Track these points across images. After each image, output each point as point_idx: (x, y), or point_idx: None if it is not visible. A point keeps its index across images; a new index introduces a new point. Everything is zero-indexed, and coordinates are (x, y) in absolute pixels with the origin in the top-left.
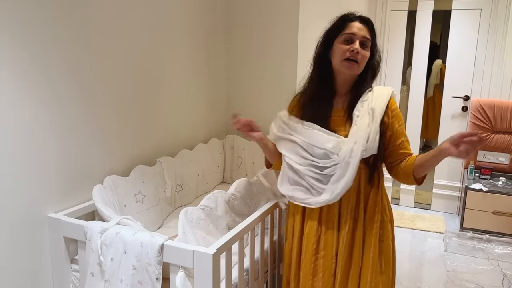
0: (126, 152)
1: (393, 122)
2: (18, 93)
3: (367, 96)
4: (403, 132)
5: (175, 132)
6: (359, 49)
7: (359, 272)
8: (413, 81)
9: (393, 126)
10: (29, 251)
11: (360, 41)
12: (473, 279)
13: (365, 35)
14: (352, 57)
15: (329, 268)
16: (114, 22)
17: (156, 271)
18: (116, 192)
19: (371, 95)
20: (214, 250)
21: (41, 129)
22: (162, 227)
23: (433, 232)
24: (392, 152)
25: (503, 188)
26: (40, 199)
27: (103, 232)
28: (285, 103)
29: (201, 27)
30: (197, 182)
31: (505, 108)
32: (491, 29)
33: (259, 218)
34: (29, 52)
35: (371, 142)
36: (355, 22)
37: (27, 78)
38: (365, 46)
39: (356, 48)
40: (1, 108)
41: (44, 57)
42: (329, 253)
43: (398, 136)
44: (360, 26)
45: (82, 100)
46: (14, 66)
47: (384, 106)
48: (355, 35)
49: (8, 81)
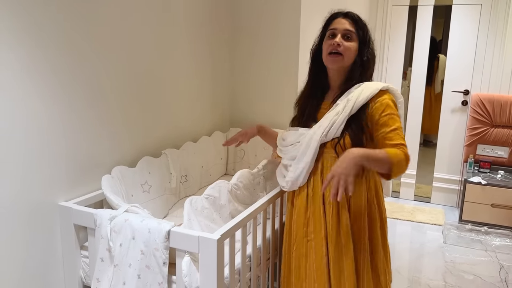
0: (133, 144)
1: (373, 113)
2: (30, 85)
3: (354, 90)
4: (386, 123)
5: (180, 125)
6: (339, 41)
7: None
8: (414, 76)
9: (372, 117)
10: (41, 238)
11: (342, 34)
12: (471, 270)
13: (347, 28)
14: (334, 50)
15: (320, 251)
16: (121, 19)
17: (163, 256)
18: (124, 182)
19: (359, 89)
20: (218, 236)
21: (52, 122)
22: (167, 216)
23: (432, 225)
24: (377, 142)
25: (501, 181)
26: (51, 188)
27: (112, 219)
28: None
29: (206, 22)
30: (201, 174)
31: (505, 102)
32: (491, 24)
33: (261, 207)
34: (41, 50)
35: (334, 128)
36: (339, 18)
37: (39, 74)
38: (348, 38)
39: (336, 41)
40: (15, 102)
41: (55, 55)
42: (318, 235)
43: (380, 127)
44: (343, 21)
45: (91, 95)
46: (28, 64)
47: (365, 99)
48: (337, 29)
49: (22, 77)
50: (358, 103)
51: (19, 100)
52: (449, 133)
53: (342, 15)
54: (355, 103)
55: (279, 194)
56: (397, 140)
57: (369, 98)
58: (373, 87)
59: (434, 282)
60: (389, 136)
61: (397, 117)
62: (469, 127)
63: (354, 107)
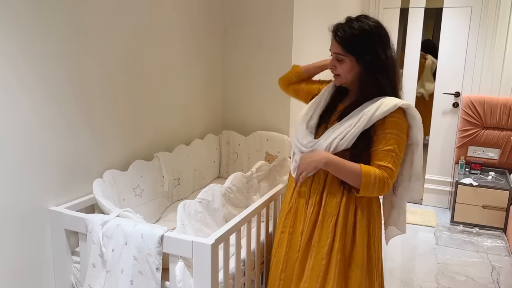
0: (124, 147)
1: (377, 129)
2: (20, 90)
3: (372, 103)
4: (383, 140)
5: (172, 128)
6: (332, 66)
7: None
8: (405, 78)
9: (376, 134)
10: (31, 244)
11: (334, 57)
12: (463, 271)
13: (335, 51)
14: (331, 71)
15: (295, 245)
16: (112, 20)
17: (156, 261)
18: (116, 186)
19: (377, 103)
20: (212, 240)
21: (42, 125)
22: (160, 220)
23: (424, 226)
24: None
25: (492, 182)
26: (42, 193)
27: (104, 224)
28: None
29: (198, 24)
30: (194, 177)
31: (495, 104)
32: (482, 26)
33: (256, 210)
34: (31, 54)
35: (346, 140)
36: (332, 36)
37: (27, 75)
38: (340, 61)
39: (329, 66)
40: (4, 106)
41: (44, 56)
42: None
43: (374, 143)
44: (334, 42)
45: (82, 97)
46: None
47: (381, 114)
48: (331, 52)
49: (11, 82)
50: (374, 118)
51: (8, 104)
52: (440, 135)
53: (333, 35)
54: (371, 117)
55: (274, 197)
56: (384, 161)
57: (386, 114)
58: (392, 103)
59: (426, 284)
60: (380, 155)
61: (398, 138)
62: (460, 129)
63: (369, 121)
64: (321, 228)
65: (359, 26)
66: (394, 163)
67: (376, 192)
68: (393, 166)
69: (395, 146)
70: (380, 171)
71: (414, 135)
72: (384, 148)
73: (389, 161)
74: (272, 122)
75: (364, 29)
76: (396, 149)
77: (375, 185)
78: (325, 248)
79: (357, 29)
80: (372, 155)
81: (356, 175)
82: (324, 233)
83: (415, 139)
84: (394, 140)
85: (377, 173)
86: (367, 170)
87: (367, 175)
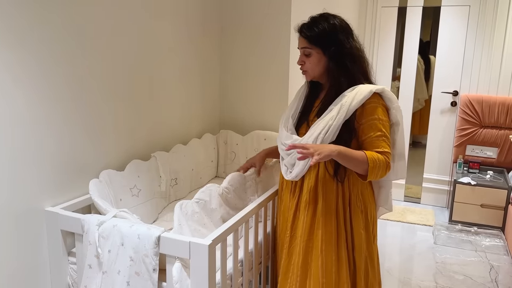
0: (121, 147)
1: (360, 118)
2: (15, 88)
3: (347, 93)
4: (371, 128)
5: (169, 127)
6: (300, 62)
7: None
8: (403, 77)
9: (359, 122)
10: (27, 245)
11: (302, 52)
12: (461, 270)
13: (302, 46)
14: (301, 69)
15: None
16: (109, 17)
17: (153, 262)
18: (112, 186)
19: (353, 92)
20: (209, 241)
21: (37, 124)
22: (157, 220)
23: (422, 225)
24: (362, 146)
25: (490, 181)
26: (37, 193)
27: (100, 225)
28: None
29: (195, 23)
30: (191, 177)
31: (493, 103)
32: (480, 25)
33: (253, 210)
34: (26, 52)
35: (330, 133)
36: (299, 36)
37: (24, 78)
38: (307, 55)
39: (298, 63)
40: None
41: (40, 57)
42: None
43: (363, 132)
44: (300, 39)
45: (78, 96)
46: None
47: (358, 103)
48: (299, 49)
49: (6, 80)
50: (352, 107)
51: (3, 103)
52: (439, 134)
53: (299, 32)
54: (349, 108)
55: (271, 197)
56: (382, 148)
57: (363, 102)
58: (366, 90)
59: (424, 283)
60: (375, 142)
61: (384, 123)
62: (458, 128)
63: (348, 111)
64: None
65: (321, 20)
66: (388, 146)
67: (379, 176)
68: (388, 149)
69: (383, 130)
70: (381, 156)
71: (394, 116)
72: (375, 135)
73: (384, 146)
74: (270, 122)
75: (327, 22)
76: (385, 132)
77: (380, 169)
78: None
79: (320, 23)
80: (366, 144)
81: (364, 162)
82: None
83: (395, 119)
84: (380, 124)
85: (380, 157)
86: (371, 156)
87: (373, 160)
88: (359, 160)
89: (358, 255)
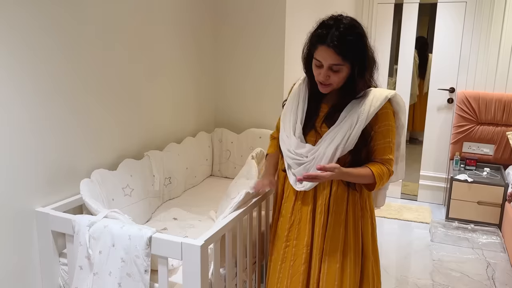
0: (113, 146)
1: (374, 124)
2: (4, 88)
3: (364, 99)
4: (382, 134)
5: (163, 126)
6: (324, 79)
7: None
8: (400, 73)
9: (373, 129)
10: (17, 246)
11: (328, 67)
12: (458, 268)
13: (332, 63)
14: (322, 82)
15: (300, 258)
16: (101, 15)
17: (144, 263)
18: (104, 186)
19: (369, 98)
20: (202, 241)
21: (28, 124)
22: (150, 220)
23: (419, 223)
24: (372, 152)
25: (487, 178)
26: (28, 194)
27: (91, 226)
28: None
29: (189, 21)
30: (186, 176)
31: (490, 100)
32: (476, 22)
33: (247, 210)
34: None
35: (350, 142)
36: (324, 46)
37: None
38: (336, 71)
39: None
40: None
41: (32, 59)
42: (301, 242)
43: (375, 138)
44: (328, 51)
45: (69, 94)
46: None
47: (376, 109)
48: (322, 62)
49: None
50: (370, 115)
51: None
52: (435, 130)
53: (326, 44)
54: (368, 115)
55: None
56: (387, 155)
57: (379, 108)
58: (382, 96)
59: (421, 281)
60: (382, 148)
61: (391, 128)
62: (455, 125)
63: (367, 119)
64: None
65: (350, 31)
66: (392, 152)
67: (382, 184)
68: (392, 155)
69: (391, 136)
70: (385, 167)
71: (400, 119)
72: (386, 141)
73: (389, 152)
74: (265, 120)
75: (357, 32)
76: (392, 138)
77: (384, 179)
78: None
79: (351, 34)
80: (376, 151)
81: (369, 178)
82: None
83: (401, 122)
84: (389, 131)
85: (384, 169)
86: (376, 170)
87: (379, 175)
88: (364, 177)
89: (367, 261)
